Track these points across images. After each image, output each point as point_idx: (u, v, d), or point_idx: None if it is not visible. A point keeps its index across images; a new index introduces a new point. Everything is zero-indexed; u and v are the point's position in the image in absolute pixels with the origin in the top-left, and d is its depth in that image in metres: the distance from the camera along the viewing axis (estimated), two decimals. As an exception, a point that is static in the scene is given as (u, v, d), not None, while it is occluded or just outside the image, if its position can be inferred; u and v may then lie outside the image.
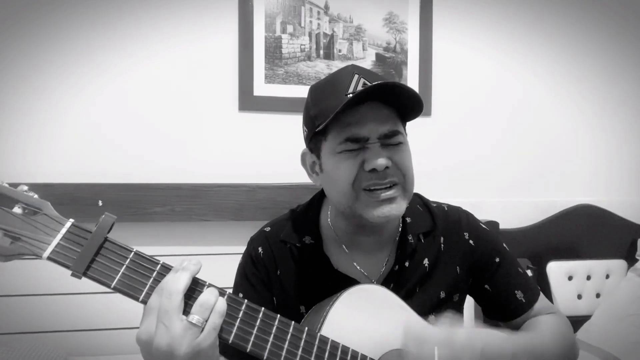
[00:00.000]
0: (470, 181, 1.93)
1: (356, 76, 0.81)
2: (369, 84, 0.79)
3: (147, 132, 1.70)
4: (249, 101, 1.75)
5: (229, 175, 1.71)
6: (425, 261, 0.92)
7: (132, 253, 0.63)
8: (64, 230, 0.60)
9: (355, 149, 0.81)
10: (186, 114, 1.73)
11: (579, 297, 1.89)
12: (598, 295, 1.90)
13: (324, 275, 0.89)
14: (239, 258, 1.02)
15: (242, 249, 1.06)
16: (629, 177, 2.09)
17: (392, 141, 0.82)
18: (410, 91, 0.78)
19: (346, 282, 0.88)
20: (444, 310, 0.90)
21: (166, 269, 0.64)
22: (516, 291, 0.95)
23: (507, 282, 0.95)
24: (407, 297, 0.88)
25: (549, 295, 1.85)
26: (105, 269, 0.61)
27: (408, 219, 0.93)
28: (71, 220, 0.62)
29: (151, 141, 1.70)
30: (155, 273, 0.63)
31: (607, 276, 1.91)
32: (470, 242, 0.95)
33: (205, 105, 1.74)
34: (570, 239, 1.92)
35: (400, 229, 0.93)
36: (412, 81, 1.88)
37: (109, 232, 0.62)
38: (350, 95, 0.78)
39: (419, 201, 0.99)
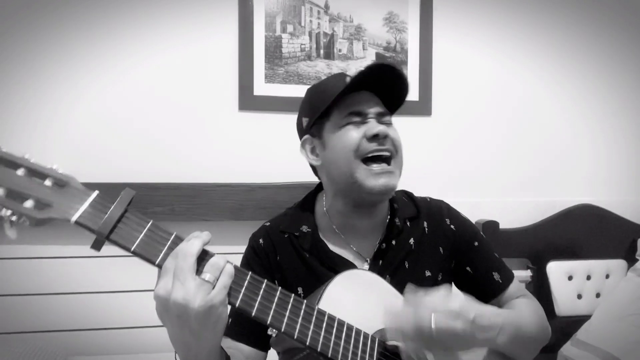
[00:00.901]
0: (470, 181, 1.93)
1: (348, 77, 0.96)
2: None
3: (147, 131, 1.70)
4: (249, 101, 1.75)
5: (229, 174, 1.71)
6: (411, 240, 1.02)
7: (150, 223, 0.70)
8: (91, 199, 0.68)
9: (358, 121, 0.95)
10: (186, 114, 1.73)
11: (579, 297, 1.89)
12: (598, 295, 1.90)
13: (321, 257, 0.98)
14: (239, 258, 1.04)
15: (242, 248, 1.07)
16: (628, 177, 2.09)
17: (385, 120, 0.97)
18: (399, 74, 0.95)
19: (341, 262, 0.97)
20: (429, 289, 0.98)
21: (179, 238, 0.70)
22: (493, 273, 1.04)
23: (485, 265, 1.05)
24: (395, 273, 0.98)
25: (549, 294, 1.85)
26: (126, 235, 0.67)
27: (396, 205, 1.04)
28: (97, 191, 0.69)
29: (151, 141, 1.70)
30: (170, 241, 0.70)
31: (607, 276, 1.91)
32: (452, 227, 1.06)
33: (205, 105, 1.74)
34: (570, 238, 1.92)
35: (389, 214, 1.04)
36: (412, 81, 1.88)
37: (129, 203, 0.69)
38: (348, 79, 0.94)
39: (404, 195, 1.11)
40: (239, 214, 1.66)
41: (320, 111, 0.95)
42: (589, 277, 1.91)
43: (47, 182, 0.67)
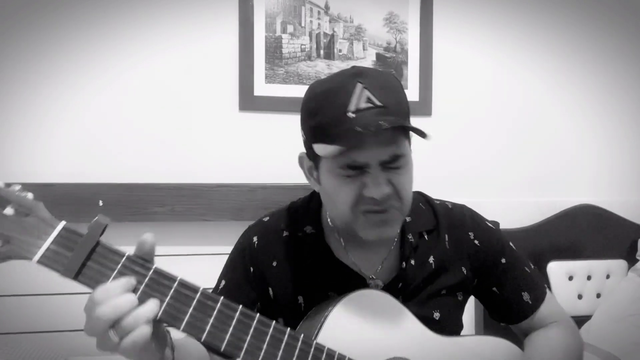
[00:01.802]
0: (471, 181, 1.93)
1: (359, 86, 0.75)
2: (372, 98, 0.75)
3: (148, 131, 1.69)
4: (249, 101, 1.75)
5: (230, 175, 1.71)
6: (431, 259, 0.91)
7: (124, 257, 0.61)
8: (55, 233, 0.59)
9: (354, 175, 0.78)
10: (186, 114, 1.73)
11: (580, 297, 1.89)
12: (598, 296, 1.90)
13: (325, 265, 0.88)
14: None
15: (243, 249, 1.06)
16: (629, 177, 2.09)
17: (393, 165, 0.79)
18: (415, 129, 0.76)
19: (346, 272, 0.88)
20: (447, 308, 0.91)
21: (159, 273, 0.62)
22: (523, 293, 0.94)
23: (513, 284, 0.94)
24: (413, 295, 0.88)
25: (549, 295, 1.85)
26: (97, 274, 0.60)
27: (408, 218, 0.91)
28: (63, 222, 0.60)
29: (151, 141, 1.70)
30: (147, 278, 0.61)
31: (608, 276, 1.91)
32: (476, 242, 0.94)
33: (206, 106, 1.74)
34: (570, 239, 1.92)
35: (400, 229, 0.92)
36: (412, 81, 1.88)
37: (101, 234, 0.60)
38: (351, 113, 0.74)
39: (421, 199, 0.97)
40: (239, 214, 1.66)
41: (314, 143, 0.80)
42: (589, 278, 1.90)
43: (9, 211, 0.57)
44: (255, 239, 0.93)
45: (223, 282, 0.93)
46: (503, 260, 0.94)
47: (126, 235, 1.63)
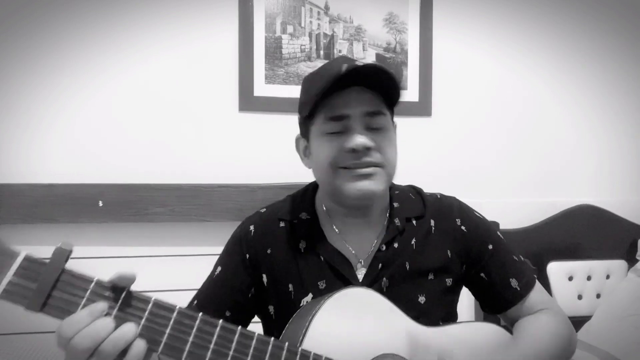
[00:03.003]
0: (471, 182, 1.93)
1: (344, 65, 0.82)
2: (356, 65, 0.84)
3: (148, 132, 1.70)
4: (249, 101, 1.76)
5: (230, 175, 1.71)
6: (413, 240, 0.93)
7: (93, 283, 0.59)
8: (15, 266, 0.56)
9: (338, 130, 0.85)
10: (186, 115, 1.73)
11: (580, 297, 1.89)
12: (598, 296, 1.90)
13: (318, 250, 0.91)
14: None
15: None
16: (629, 177, 2.09)
17: (374, 123, 0.86)
18: (387, 73, 0.82)
19: (338, 258, 0.90)
20: (432, 292, 0.92)
21: (131, 296, 0.60)
22: (511, 279, 0.95)
23: (501, 270, 0.96)
24: (394, 276, 0.90)
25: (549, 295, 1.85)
26: (64, 304, 0.57)
27: (396, 204, 0.96)
28: (24, 253, 0.57)
29: (151, 141, 1.70)
30: (120, 302, 0.59)
31: (608, 276, 1.91)
32: (462, 227, 0.96)
33: (206, 106, 1.74)
34: (570, 239, 1.92)
35: (388, 213, 0.96)
36: (412, 81, 1.88)
37: (66, 261, 0.58)
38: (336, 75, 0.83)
39: (412, 191, 1.02)
40: (239, 214, 1.66)
41: (303, 114, 0.89)
42: (589, 278, 1.91)
43: None
44: (252, 227, 0.96)
45: (219, 269, 0.96)
46: (490, 247, 0.96)
47: (126, 236, 1.64)
